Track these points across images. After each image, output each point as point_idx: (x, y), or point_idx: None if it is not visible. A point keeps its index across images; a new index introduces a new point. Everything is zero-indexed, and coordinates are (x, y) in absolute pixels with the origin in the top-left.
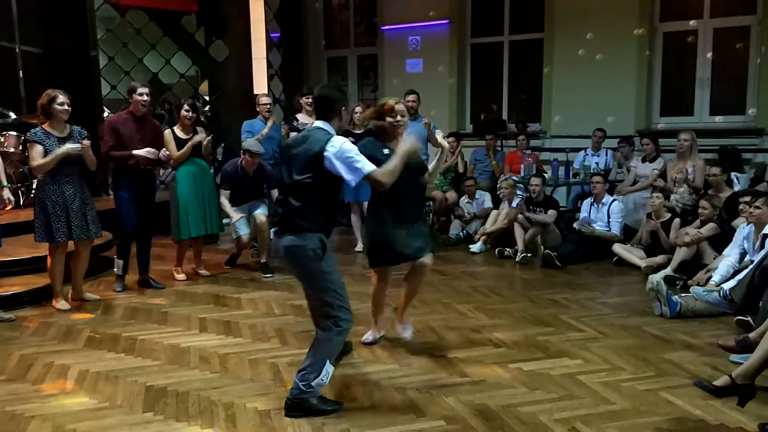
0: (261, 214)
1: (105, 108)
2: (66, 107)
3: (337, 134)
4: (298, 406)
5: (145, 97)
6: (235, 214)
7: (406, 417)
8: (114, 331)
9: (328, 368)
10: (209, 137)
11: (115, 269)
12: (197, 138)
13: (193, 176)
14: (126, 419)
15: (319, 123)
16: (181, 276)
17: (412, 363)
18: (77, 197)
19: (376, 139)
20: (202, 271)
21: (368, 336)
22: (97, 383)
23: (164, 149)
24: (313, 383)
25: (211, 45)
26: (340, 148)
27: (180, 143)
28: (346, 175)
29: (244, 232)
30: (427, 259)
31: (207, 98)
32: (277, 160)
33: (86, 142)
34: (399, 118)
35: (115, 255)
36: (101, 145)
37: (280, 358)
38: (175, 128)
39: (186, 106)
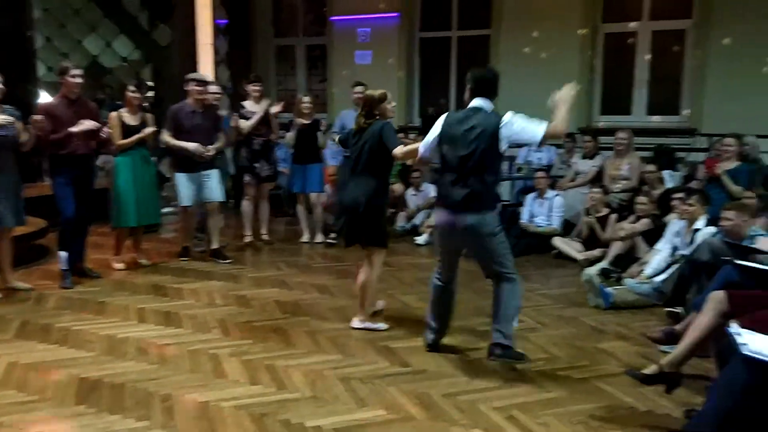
0: (213, 200)
1: (41, 90)
2: None
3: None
4: (506, 354)
5: (79, 79)
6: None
7: (348, 407)
8: (46, 321)
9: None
10: (154, 129)
11: (59, 264)
12: (147, 131)
13: (134, 164)
14: (56, 412)
15: (479, 102)
16: (120, 265)
17: (356, 353)
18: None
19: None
20: (142, 260)
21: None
22: (27, 376)
23: (106, 127)
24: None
25: (155, 29)
26: (512, 119)
27: (127, 128)
28: (531, 138)
29: (188, 201)
30: None
31: (150, 83)
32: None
33: (16, 122)
34: (393, 104)
35: (57, 247)
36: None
37: (221, 349)
38: (122, 111)
39: (131, 86)
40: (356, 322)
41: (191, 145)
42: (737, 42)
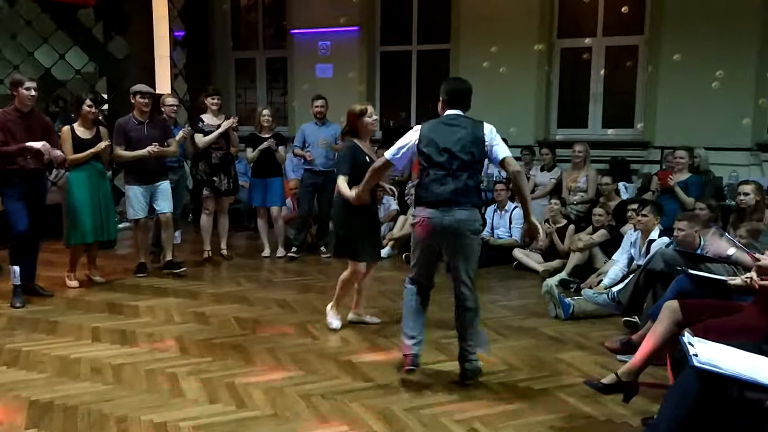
0: (166, 212)
1: None
2: None
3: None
4: (473, 375)
5: (33, 92)
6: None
7: (309, 424)
8: None
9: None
10: (108, 143)
11: (11, 280)
12: (101, 145)
13: (88, 179)
14: None
15: (457, 111)
16: (74, 283)
17: (317, 369)
18: None
19: (354, 144)
20: (97, 278)
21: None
22: None
23: (56, 151)
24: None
25: (111, 41)
26: (492, 129)
27: (79, 143)
28: (499, 154)
29: (141, 214)
30: None
31: (105, 96)
32: (181, 162)
33: None
34: (374, 117)
35: (8, 263)
36: None
37: (179, 367)
38: (75, 125)
39: (88, 101)
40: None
41: (143, 152)
42: (687, 58)
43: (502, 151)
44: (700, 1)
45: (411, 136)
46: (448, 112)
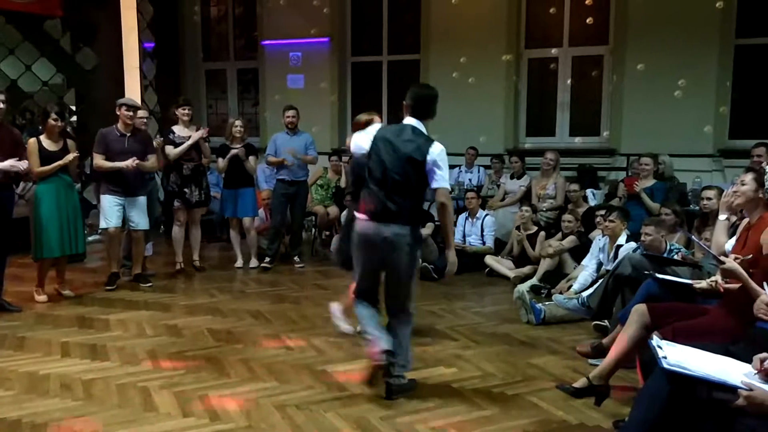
0: (140, 228)
1: None
2: None
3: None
4: (398, 391)
5: (1, 104)
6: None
7: None
8: None
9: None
10: (76, 155)
11: None
12: (69, 158)
13: (56, 191)
14: None
15: (414, 121)
16: (42, 297)
17: (292, 379)
18: None
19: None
20: (66, 292)
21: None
22: None
23: (21, 163)
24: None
25: (79, 52)
26: (440, 153)
27: (46, 155)
28: (435, 182)
29: (114, 224)
30: None
31: (73, 108)
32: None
33: None
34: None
35: None
36: None
37: (151, 381)
38: (41, 138)
39: (54, 114)
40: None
41: (122, 164)
42: (650, 67)
43: (438, 180)
44: (663, 13)
45: (366, 143)
46: (407, 120)
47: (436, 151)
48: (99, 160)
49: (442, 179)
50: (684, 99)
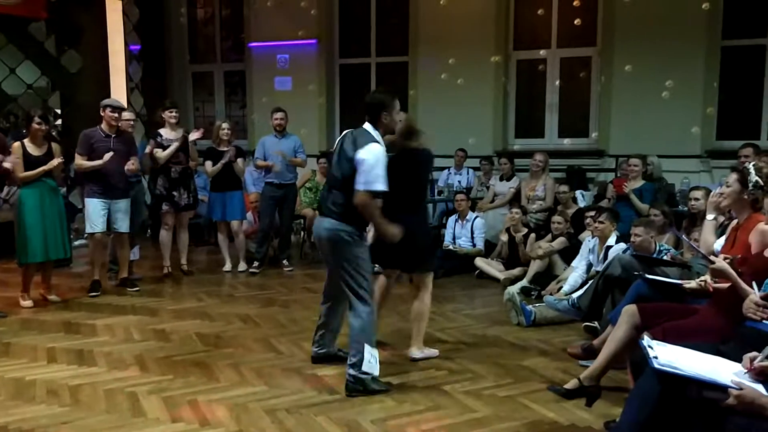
0: (123, 231)
1: None
2: None
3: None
4: (353, 388)
5: None
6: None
7: None
8: None
9: (372, 351)
10: (61, 160)
11: None
12: (53, 163)
13: (40, 196)
14: None
15: (367, 125)
16: (28, 302)
17: (282, 383)
18: None
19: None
20: (52, 297)
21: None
22: None
23: (12, 155)
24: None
25: (63, 55)
26: (366, 156)
27: (31, 160)
28: (355, 184)
29: (100, 228)
30: None
31: (58, 111)
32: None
33: None
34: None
35: None
36: None
37: (139, 386)
38: (25, 142)
39: (37, 119)
40: (415, 352)
41: (100, 161)
42: (638, 68)
43: (360, 179)
44: (650, 14)
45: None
46: (365, 124)
47: (365, 151)
48: (79, 161)
49: (363, 179)
50: (671, 100)
